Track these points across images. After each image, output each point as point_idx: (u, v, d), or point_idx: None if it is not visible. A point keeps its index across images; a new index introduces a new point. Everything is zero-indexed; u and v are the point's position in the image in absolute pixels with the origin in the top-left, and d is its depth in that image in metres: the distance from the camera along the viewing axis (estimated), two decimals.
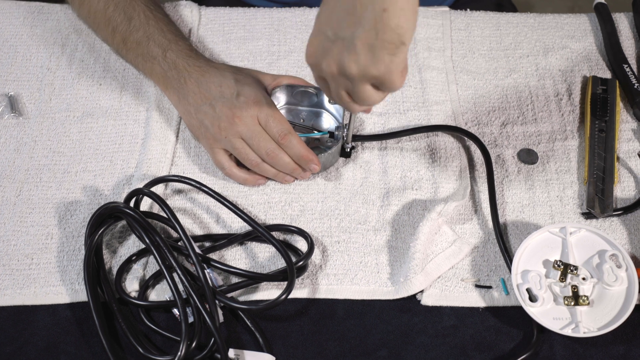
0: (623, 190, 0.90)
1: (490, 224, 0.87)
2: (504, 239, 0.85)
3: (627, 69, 0.99)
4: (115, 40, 0.97)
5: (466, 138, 0.94)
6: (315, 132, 0.93)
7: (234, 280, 0.82)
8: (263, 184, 0.90)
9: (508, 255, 0.83)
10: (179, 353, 0.73)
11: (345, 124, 0.89)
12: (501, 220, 0.87)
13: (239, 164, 0.90)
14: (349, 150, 0.91)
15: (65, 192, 0.89)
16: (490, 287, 0.82)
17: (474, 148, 0.94)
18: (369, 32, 0.66)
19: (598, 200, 0.87)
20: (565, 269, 0.80)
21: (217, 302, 0.77)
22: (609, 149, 0.92)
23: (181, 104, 0.91)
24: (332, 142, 0.92)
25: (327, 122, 0.94)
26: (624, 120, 0.96)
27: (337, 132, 0.91)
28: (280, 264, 0.82)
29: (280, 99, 0.94)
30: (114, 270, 0.82)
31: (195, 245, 0.80)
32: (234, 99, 0.87)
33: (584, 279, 0.79)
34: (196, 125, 0.90)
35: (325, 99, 0.93)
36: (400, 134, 0.94)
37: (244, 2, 1.14)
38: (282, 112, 0.94)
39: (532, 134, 0.95)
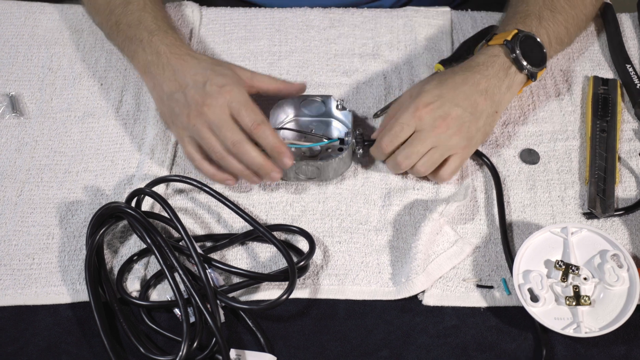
0: (624, 190, 0.90)
1: (491, 224, 0.87)
2: (507, 238, 0.85)
3: (630, 69, 0.99)
4: (110, 22, 0.96)
5: None
6: (325, 139, 0.92)
7: (235, 280, 0.82)
8: (232, 185, 0.88)
9: (510, 255, 0.83)
10: (181, 353, 0.73)
11: (356, 129, 0.89)
12: None
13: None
14: (360, 155, 0.90)
15: (67, 192, 0.89)
16: (491, 287, 0.82)
17: None
18: (485, 125, 0.87)
19: (599, 200, 0.87)
20: (567, 269, 0.80)
21: (218, 302, 0.77)
22: (611, 149, 0.92)
23: (155, 90, 0.90)
24: (343, 148, 0.91)
25: (337, 129, 0.93)
26: (625, 120, 0.96)
27: (347, 138, 0.90)
28: (282, 264, 0.82)
29: (288, 111, 0.93)
30: (115, 270, 0.82)
31: (196, 245, 0.80)
32: (205, 87, 0.84)
33: (585, 279, 0.79)
34: (167, 112, 0.88)
35: (333, 106, 0.92)
36: None
37: (245, 2, 1.14)
38: (291, 124, 0.93)
39: (533, 134, 0.95)
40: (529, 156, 0.93)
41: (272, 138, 0.83)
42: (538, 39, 0.89)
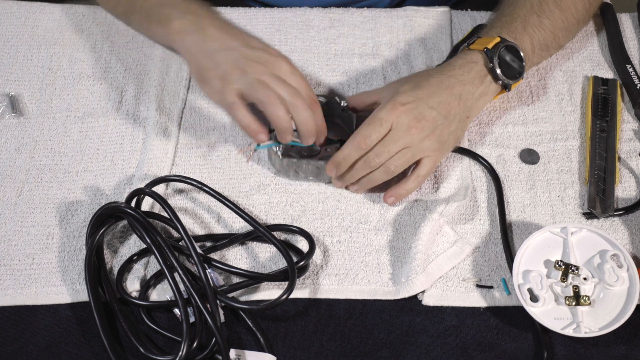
0: (624, 190, 0.90)
1: (491, 224, 0.87)
2: (507, 239, 0.85)
3: (630, 70, 0.99)
4: None
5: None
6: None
7: (235, 280, 0.82)
8: (263, 142, 0.85)
9: (509, 255, 0.83)
10: (180, 353, 0.73)
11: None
12: None
13: None
14: None
15: (66, 192, 0.89)
16: (491, 287, 0.82)
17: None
18: (457, 129, 0.87)
19: (599, 200, 0.87)
20: (567, 269, 0.80)
21: (218, 302, 0.77)
22: (610, 149, 0.92)
23: (195, 47, 0.86)
24: None
25: (338, 131, 0.93)
26: (625, 121, 0.96)
27: None
28: (282, 264, 0.82)
29: None
30: (115, 270, 0.82)
31: (196, 245, 0.80)
32: (263, 52, 0.84)
33: (585, 279, 0.79)
34: (209, 67, 0.84)
35: (336, 107, 0.92)
36: None
37: (245, 2, 1.14)
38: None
39: (533, 134, 0.95)
40: (529, 156, 0.93)
41: (323, 120, 0.85)
42: (520, 51, 0.89)
